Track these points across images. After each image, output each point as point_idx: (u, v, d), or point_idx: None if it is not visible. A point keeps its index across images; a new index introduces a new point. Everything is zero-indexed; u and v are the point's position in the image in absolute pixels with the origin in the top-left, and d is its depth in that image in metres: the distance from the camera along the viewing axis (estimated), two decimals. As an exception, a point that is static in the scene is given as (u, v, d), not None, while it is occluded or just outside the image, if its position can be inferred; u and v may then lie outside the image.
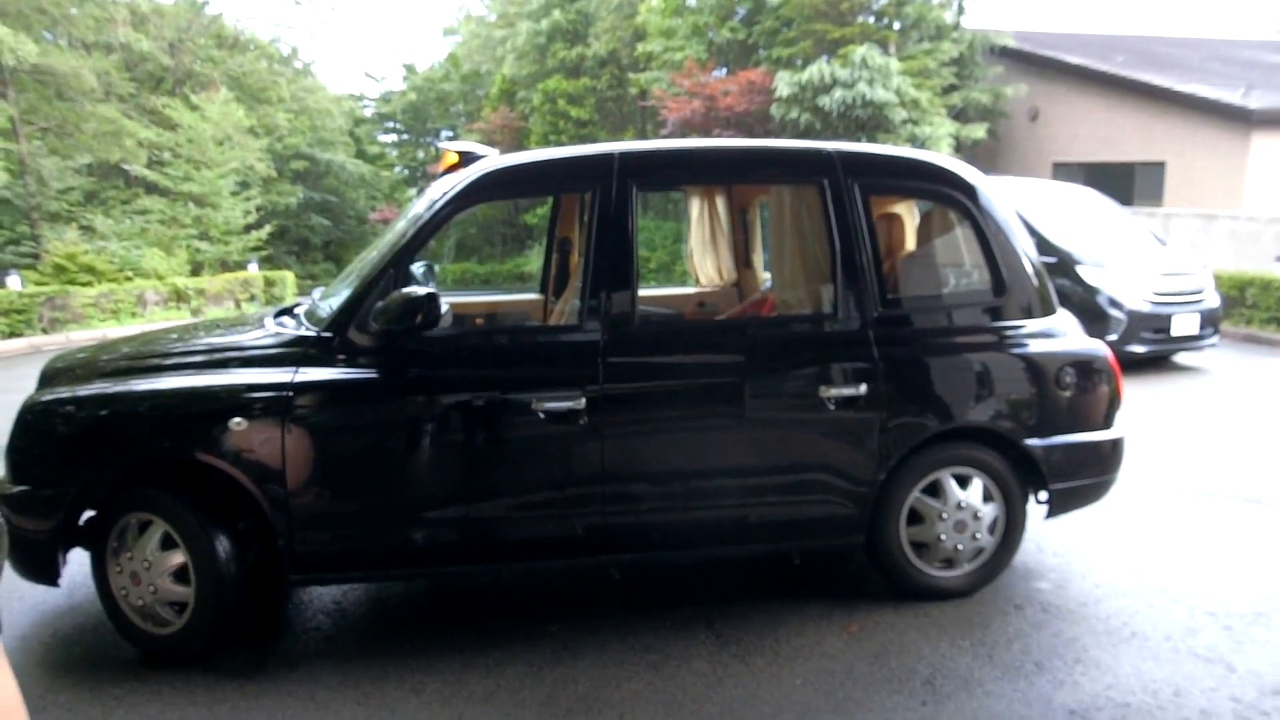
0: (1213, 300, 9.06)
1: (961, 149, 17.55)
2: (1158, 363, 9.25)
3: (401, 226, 3.70)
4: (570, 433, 3.49)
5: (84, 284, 14.35)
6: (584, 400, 3.47)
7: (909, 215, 4.60)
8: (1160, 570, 4.34)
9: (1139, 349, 8.58)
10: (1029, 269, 4.06)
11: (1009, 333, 3.96)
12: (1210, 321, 8.93)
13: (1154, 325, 8.56)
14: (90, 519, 3.53)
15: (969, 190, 4.02)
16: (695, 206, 5.37)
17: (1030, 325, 4.00)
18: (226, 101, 21.29)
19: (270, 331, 3.75)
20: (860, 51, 15.65)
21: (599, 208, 3.65)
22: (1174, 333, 8.65)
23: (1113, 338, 8.41)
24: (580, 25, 25.77)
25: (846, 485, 3.77)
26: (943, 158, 4.34)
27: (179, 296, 14.97)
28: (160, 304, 14.70)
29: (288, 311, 4.13)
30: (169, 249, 17.72)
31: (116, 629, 3.55)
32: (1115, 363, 4.15)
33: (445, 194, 3.63)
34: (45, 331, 12.83)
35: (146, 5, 26.54)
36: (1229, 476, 5.75)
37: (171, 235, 18.68)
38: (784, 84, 16.22)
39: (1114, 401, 4.12)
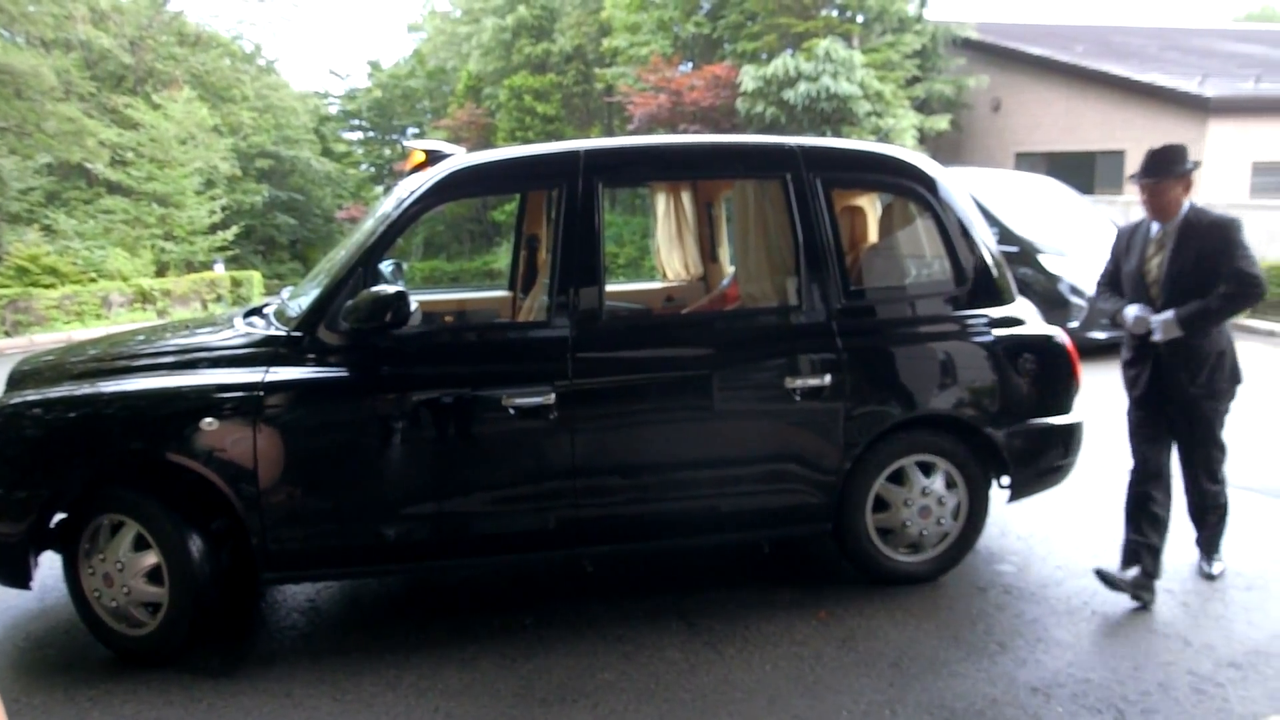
0: None
1: (925, 140, 17.72)
2: (1118, 348, 9.37)
3: (370, 225, 3.73)
4: (541, 428, 3.54)
5: (47, 286, 14.18)
6: (554, 395, 3.51)
7: (871, 208, 4.68)
8: (1120, 551, 4.43)
9: (1100, 335, 8.73)
10: (988, 259, 4.15)
11: (969, 322, 4.05)
12: None
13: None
14: (61, 521, 3.53)
15: (929, 183, 4.10)
16: (661, 202, 5.43)
17: (990, 314, 4.08)
18: (189, 100, 21.04)
19: (240, 332, 3.76)
20: (824, 45, 15.74)
21: (565, 204, 3.69)
22: None
23: (1074, 325, 8.55)
24: (545, 21, 25.70)
25: (813, 474, 3.84)
26: (903, 151, 4.42)
27: (144, 298, 14.82)
28: (125, 305, 14.55)
29: (257, 311, 4.14)
30: (133, 250, 17.51)
31: (90, 631, 3.56)
32: (1073, 349, 4.25)
33: (413, 193, 3.66)
34: (8, 334, 12.68)
35: (106, 2, 26.17)
36: (1186, 459, 5.88)
37: (136, 236, 18.44)
38: (749, 78, 16.30)
39: (1073, 387, 4.22)
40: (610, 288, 4.20)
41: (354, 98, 36.47)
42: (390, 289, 3.41)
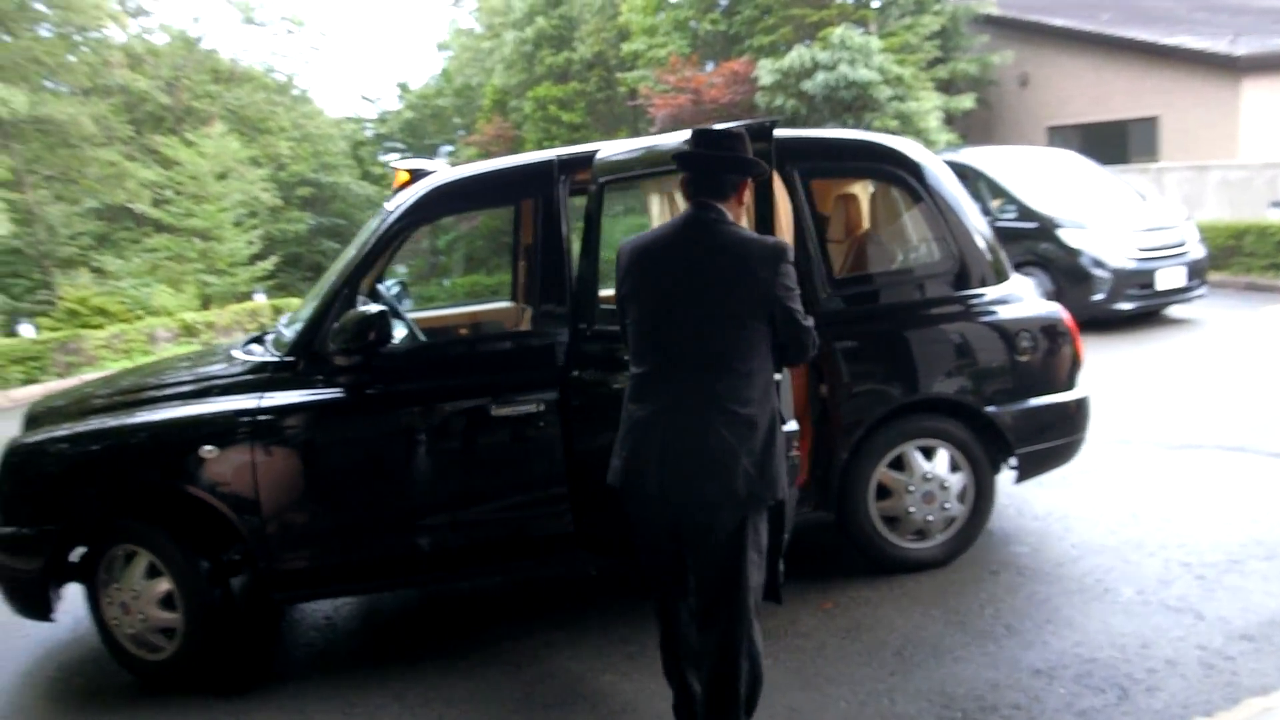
0: (1197, 251, 9.02)
1: (952, 121, 17.48)
2: (1149, 318, 9.19)
3: (353, 249, 3.81)
4: (532, 437, 3.57)
5: (96, 326, 14.55)
6: (542, 405, 3.54)
7: (865, 195, 4.66)
8: (1139, 526, 4.37)
9: (1126, 306, 8.55)
10: (979, 239, 4.11)
11: (963, 303, 4.02)
12: (1196, 273, 8.89)
13: (1139, 281, 8.53)
14: (82, 553, 3.65)
15: (913, 167, 4.07)
16: (655, 204, 5.43)
17: (984, 294, 4.04)
18: (222, 135, 21.52)
19: (238, 360, 3.87)
20: (839, 32, 15.61)
21: (544, 214, 3.73)
22: (1159, 287, 8.62)
23: (1099, 297, 8.40)
24: (565, 30, 25.81)
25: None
26: (887, 137, 4.40)
27: (189, 331, 15.15)
28: (171, 340, 14.88)
29: (259, 340, 4.24)
30: (178, 285, 17.95)
31: (114, 657, 3.68)
32: (1073, 324, 4.19)
33: (392, 213, 3.73)
34: (60, 376, 13.02)
35: (141, 46, 26.91)
36: (1215, 426, 5.75)
37: (181, 271, 18.92)
38: (766, 72, 16.22)
39: (1075, 362, 4.17)
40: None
41: (385, 120, 36.95)
42: (373, 309, 3.49)
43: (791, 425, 2.73)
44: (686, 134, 2.81)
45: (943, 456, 3.98)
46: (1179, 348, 8.15)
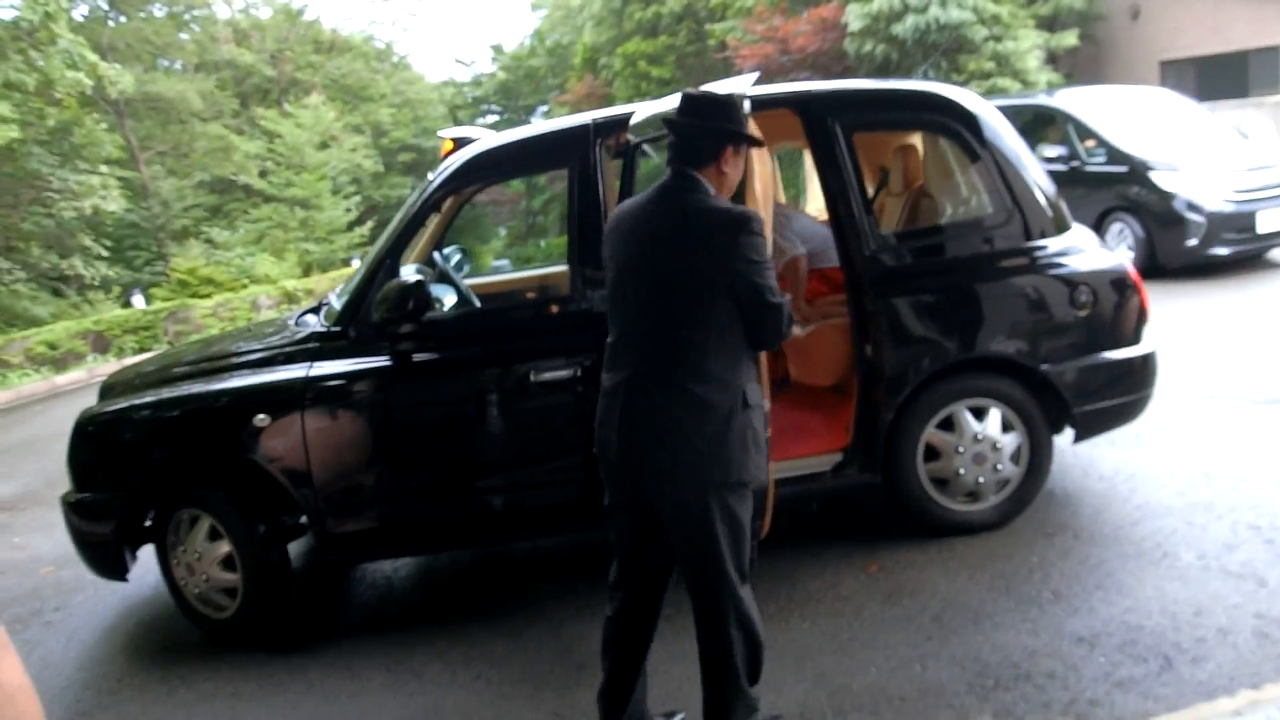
0: None
1: (1055, 60, 16.70)
2: (1250, 263, 8.64)
3: (397, 219, 3.88)
4: (569, 401, 3.60)
5: (205, 295, 15.26)
6: (579, 370, 3.57)
7: (922, 147, 4.51)
8: (1211, 487, 4.15)
9: (1223, 251, 8.04)
10: (1036, 189, 3.94)
11: (1021, 256, 3.87)
12: None
13: (1237, 225, 8.00)
14: (153, 517, 3.87)
15: (966, 117, 3.91)
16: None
17: (1044, 246, 3.88)
18: (318, 106, 22.09)
19: (291, 331, 4.01)
20: (927, -28, 15.08)
21: (580, 178, 3.73)
22: (1260, 230, 8.06)
23: (1192, 242, 7.93)
24: (653, -17, 25.55)
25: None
26: (939, 86, 4.23)
27: (289, 298, 15.73)
28: (273, 307, 15.48)
29: (315, 310, 4.38)
30: (281, 253, 18.62)
31: (183, 614, 3.90)
32: (1137, 277, 3.99)
33: (432, 183, 3.79)
34: (171, 344, 13.71)
35: (246, 21, 27.82)
36: (1310, 381, 5.42)
37: (284, 239, 19.61)
38: (854, 17, 15.78)
39: (1140, 316, 3.97)
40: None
41: (480, 83, 37.31)
42: (412, 279, 3.56)
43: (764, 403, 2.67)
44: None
45: (995, 416, 3.86)
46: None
